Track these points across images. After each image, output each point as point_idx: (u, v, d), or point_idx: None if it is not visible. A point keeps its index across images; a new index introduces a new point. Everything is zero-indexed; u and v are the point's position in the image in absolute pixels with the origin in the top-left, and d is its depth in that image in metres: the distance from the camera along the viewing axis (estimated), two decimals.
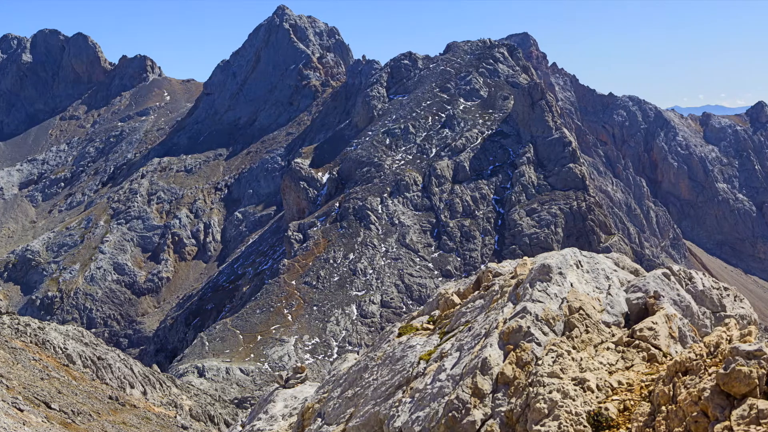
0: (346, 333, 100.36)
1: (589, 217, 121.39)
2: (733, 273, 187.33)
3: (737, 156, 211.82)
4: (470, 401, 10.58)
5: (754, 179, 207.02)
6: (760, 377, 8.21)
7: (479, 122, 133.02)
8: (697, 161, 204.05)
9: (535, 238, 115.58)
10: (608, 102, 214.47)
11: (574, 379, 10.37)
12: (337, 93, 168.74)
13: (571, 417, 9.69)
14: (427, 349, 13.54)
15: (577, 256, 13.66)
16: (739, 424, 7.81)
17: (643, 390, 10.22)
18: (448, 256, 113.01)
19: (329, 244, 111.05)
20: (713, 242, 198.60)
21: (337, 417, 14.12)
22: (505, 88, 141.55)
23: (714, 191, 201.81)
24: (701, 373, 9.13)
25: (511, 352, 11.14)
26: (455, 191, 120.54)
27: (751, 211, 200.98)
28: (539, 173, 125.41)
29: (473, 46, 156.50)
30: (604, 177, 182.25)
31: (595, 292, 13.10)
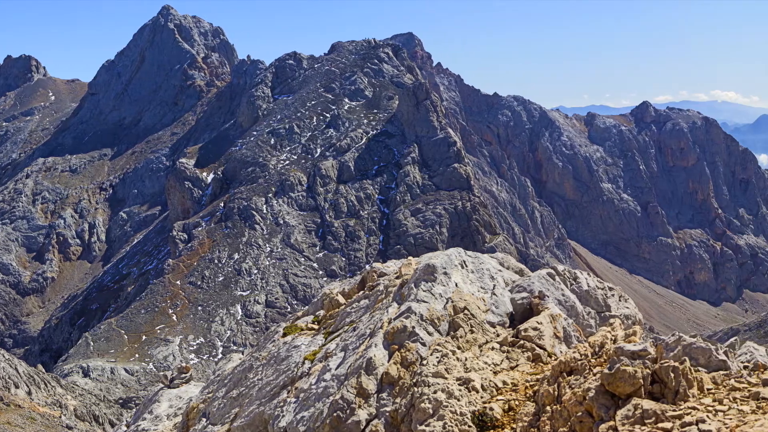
0: (231, 333, 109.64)
1: (474, 217, 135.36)
2: (618, 273, 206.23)
3: (622, 156, 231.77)
4: (355, 401, 11.51)
5: (638, 179, 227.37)
6: (644, 377, 9.13)
7: (364, 122, 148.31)
8: (582, 161, 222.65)
9: (420, 238, 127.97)
10: (493, 102, 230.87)
11: (459, 379, 11.32)
12: (222, 93, 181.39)
13: (456, 417, 10.61)
14: (311, 349, 14.63)
15: (461, 256, 15.13)
16: (623, 424, 8.65)
17: (527, 390, 11.18)
18: (333, 256, 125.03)
19: (214, 244, 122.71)
20: (598, 242, 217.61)
21: (221, 417, 15.11)
22: (389, 88, 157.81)
23: (599, 191, 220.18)
24: (586, 373, 10.10)
25: (396, 352, 12.15)
26: (340, 191, 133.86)
27: (636, 211, 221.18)
28: (424, 173, 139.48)
29: (358, 46, 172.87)
30: (488, 177, 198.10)
31: (480, 292, 14.38)
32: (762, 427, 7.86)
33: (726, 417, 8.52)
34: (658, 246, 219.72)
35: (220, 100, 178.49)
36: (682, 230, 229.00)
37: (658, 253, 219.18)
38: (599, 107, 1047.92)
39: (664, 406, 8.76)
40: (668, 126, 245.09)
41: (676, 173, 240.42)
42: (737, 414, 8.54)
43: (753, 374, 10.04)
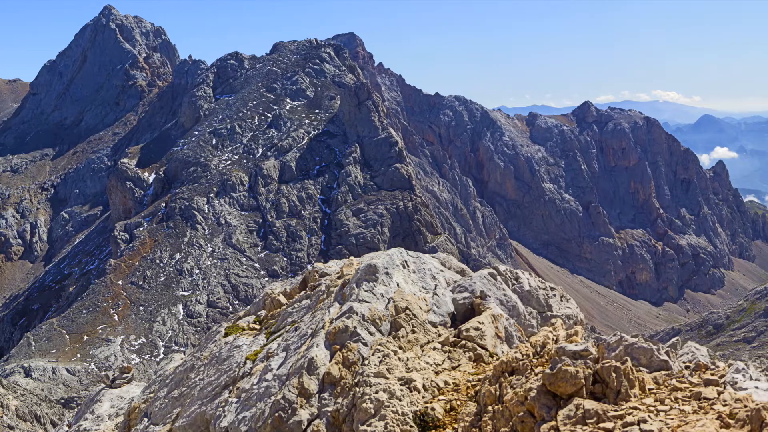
0: (173, 333, 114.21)
1: (416, 217, 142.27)
2: (560, 273, 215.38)
3: (563, 156, 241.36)
4: (297, 401, 12.34)
5: (580, 179, 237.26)
6: (586, 377, 9.64)
7: (306, 122, 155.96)
8: (524, 161, 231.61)
9: (362, 238, 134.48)
10: (435, 102, 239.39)
11: (401, 379, 12.13)
12: (164, 93, 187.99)
13: (398, 417, 11.34)
14: (253, 349, 15.23)
15: (403, 256, 15.78)
16: (565, 424, 9.09)
17: (469, 390, 11.98)
18: (275, 256, 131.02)
19: (155, 244, 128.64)
20: (539, 242, 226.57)
21: (163, 417, 15.60)
22: (331, 88, 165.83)
23: (540, 191, 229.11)
24: (528, 373, 10.67)
25: (338, 352, 12.98)
26: (281, 191, 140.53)
27: (578, 211, 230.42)
28: (365, 173, 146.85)
29: (299, 46, 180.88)
30: (430, 177, 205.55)
31: (422, 292, 15.19)
32: (703, 427, 8.28)
33: (668, 417, 8.93)
34: (599, 246, 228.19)
35: (162, 100, 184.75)
36: (623, 230, 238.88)
37: (600, 253, 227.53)
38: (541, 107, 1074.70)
39: (606, 406, 9.21)
40: (610, 126, 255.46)
41: (618, 173, 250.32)
42: (679, 414, 8.96)
43: (694, 374, 10.60)
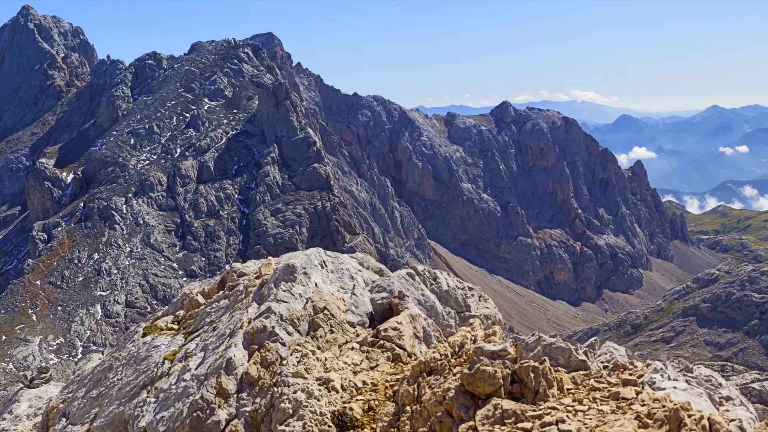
0: (91, 333, 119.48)
1: (334, 217, 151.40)
2: (478, 273, 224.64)
3: (482, 156, 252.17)
4: (215, 401, 12.95)
5: (498, 179, 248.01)
6: (504, 377, 10.16)
7: (224, 122, 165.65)
8: (442, 161, 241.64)
9: (280, 238, 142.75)
10: (353, 102, 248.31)
11: (319, 379, 12.76)
12: (82, 93, 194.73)
13: (316, 417, 11.95)
14: (171, 349, 16.16)
15: (321, 256, 16.82)
16: (483, 424, 9.53)
17: (387, 390, 12.68)
18: (193, 256, 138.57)
19: (74, 244, 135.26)
20: (458, 242, 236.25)
21: (81, 417, 16.52)
22: (249, 88, 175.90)
23: (458, 191, 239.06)
24: (446, 373, 11.24)
25: (256, 352, 13.65)
26: (200, 191, 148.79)
27: (496, 211, 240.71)
28: (284, 173, 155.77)
29: (218, 46, 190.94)
30: (348, 177, 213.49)
31: (340, 292, 16.17)
32: (622, 427, 8.81)
33: (586, 417, 9.53)
34: (517, 246, 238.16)
35: (80, 100, 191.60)
36: (542, 230, 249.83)
37: (518, 253, 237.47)
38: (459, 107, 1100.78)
39: (524, 406, 9.75)
40: (528, 126, 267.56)
41: (536, 173, 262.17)
42: (597, 414, 9.57)
43: (613, 374, 11.32)
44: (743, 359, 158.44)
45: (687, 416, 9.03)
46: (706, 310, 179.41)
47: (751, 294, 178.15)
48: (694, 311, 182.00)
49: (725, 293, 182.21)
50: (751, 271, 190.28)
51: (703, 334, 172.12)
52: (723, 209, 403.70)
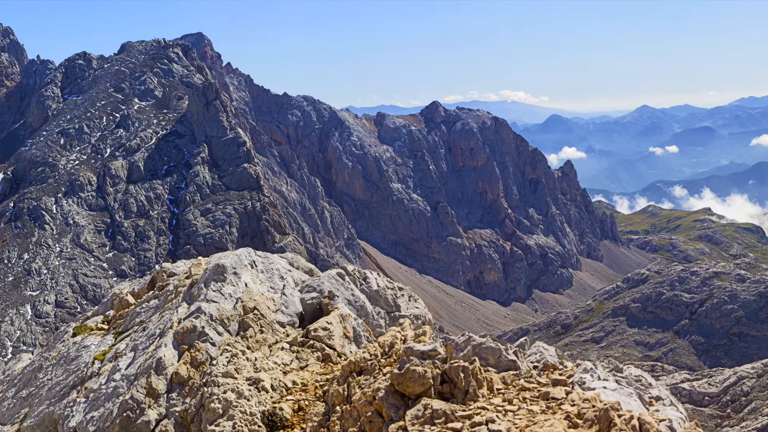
0: (21, 333, 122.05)
1: (264, 217, 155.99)
2: (408, 273, 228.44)
3: (412, 156, 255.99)
4: (145, 401, 13.20)
5: (428, 179, 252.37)
6: (434, 377, 10.49)
7: (154, 122, 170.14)
8: (372, 161, 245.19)
9: (210, 238, 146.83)
10: (283, 102, 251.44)
11: (249, 379, 13.17)
12: (12, 93, 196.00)
13: (246, 417, 12.36)
14: (101, 349, 16.36)
15: (251, 256, 17.28)
16: (413, 424, 9.82)
17: (317, 390, 13.15)
18: (123, 256, 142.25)
19: (4, 244, 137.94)
20: (388, 242, 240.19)
21: (11, 417, 16.64)
22: (179, 88, 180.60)
23: (388, 191, 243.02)
24: (376, 373, 11.59)
25: (186, 352, 13.96)
26: (130, 191, 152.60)
27: (426, 211, 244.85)
28: (214, 173, 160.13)
29: (148, 46, 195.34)
30: (278, 177, 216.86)
31: (270, 292, 16.63)
32: (551, 427, 9.09)
33: (516, 417, 9.89)
34: (447, 246, 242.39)
35: (10, 100, 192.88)
36: (471, 230, 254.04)
37: (448, 253, 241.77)
38: (389, 107, 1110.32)
39: (454, 406, 10.07)
40: (458, 126, 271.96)
41: (466, 173, 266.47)
42: (527, 414, 9.95)
43: (542, 374, 11.77)
44: (673, 359, 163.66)
45: (617, 416, 9.39)
46: (636, 310, 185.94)
47: (681, 294, 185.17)
48: (624, 311, 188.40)
49: (655, 293, 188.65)
50: (681, 271, 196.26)
51: (633, 334, 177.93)
52: (653, 209, 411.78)
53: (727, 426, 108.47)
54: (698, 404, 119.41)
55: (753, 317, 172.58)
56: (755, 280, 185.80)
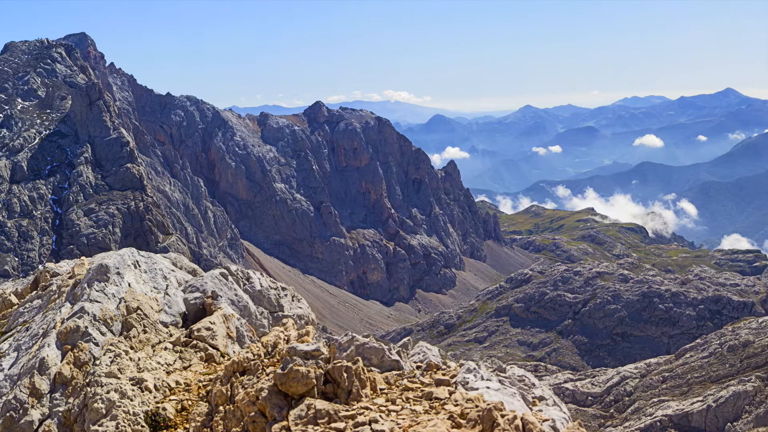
0: None
1: (147, 217, 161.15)
2: (291, 273, 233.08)
3: (295, 156, 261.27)
4: (28, 401, 13.36)
5: (311, 179, 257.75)
6: (317, 377, 10.91)
7: (37, 122, 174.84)
8: (255, 161, 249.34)
9: (93, 238, 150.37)
10: (166, 102, 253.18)
11: (132, 379, 13.48)
12: None
13: (129, 417, 12.70)
14: None
15: (135, 256, 17.77)
16: (296, 424, 10.14)
17: (200, 390, 13.66)
18: (6, 256, 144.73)
19: None
20: (271, 242, 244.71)
21: None
22: (63, 88, 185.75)
23: (272, 191, 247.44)
24: (259, 373, 12.01)
25: (69, 352, 14.19)
26: (13, 191, 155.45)
27: (309, 211, 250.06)
28: (97, 173, 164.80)
29: (31, 46, 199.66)
30: (161, 177, 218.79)
31: (153, 292, 17.12)
32: (435, 427, 9.41)
33: (399, 417, 10.36)
34: (331, 246, 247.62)
35: None
36: (355, 230, 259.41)
37: (331, 253, 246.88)
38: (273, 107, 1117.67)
39: (337, 406, 10.44)
40: (341, 126, 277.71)
41: (349, 173, 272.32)
42: (410, 414, 10.41)
43: (426, 374, 12.34)
44: (556, 359, 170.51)
45: (500, 416, 9.87)
46: (519, 310, 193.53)
47: (564, 294, 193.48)
48: (507, 311, 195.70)
49: (538, 293, 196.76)
50: (564, 271, 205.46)
51: (517, 334, 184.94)
52: (536, 209, 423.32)
53: (610, 426, 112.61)
54: (581, 404, 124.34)
55: (636, 317, 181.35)
56: (638, 280, 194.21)
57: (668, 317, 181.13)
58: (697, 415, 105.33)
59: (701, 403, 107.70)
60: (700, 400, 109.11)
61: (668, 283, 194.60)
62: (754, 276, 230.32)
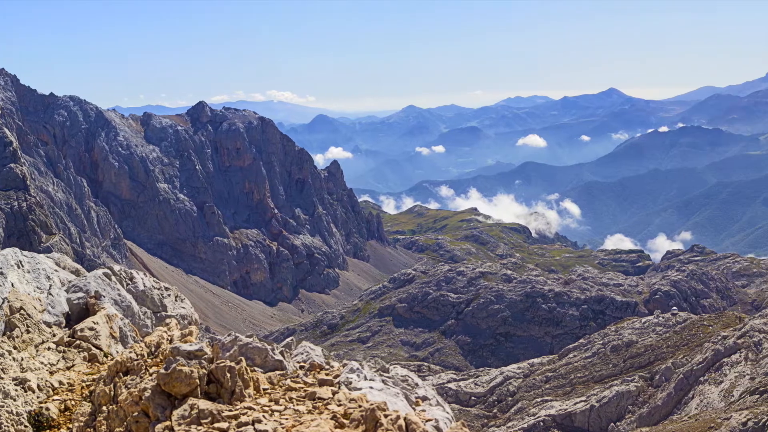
0: None
1: (30, 217, 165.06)
2: (174, 273, 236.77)
3: (178, 156, 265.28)
4: None
5: (194, 179, 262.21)
6: (200, 377, 11.10)
7: None
8: (138, 161, 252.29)
9: None
10: (49, 102, 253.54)
11: (15, 380, 13.41)
12: None
13: (12, 417, 12.64)
14: None
15: (18, 256, 17.84)
16: (180, 424, 10.25)
17: (84, 390, 13.79)
18: None
19: None
20: (154, 242, 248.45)
21: None
22: None
23: (155, 191, 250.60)
24: (142, 373, 12.16)
25: None
26: None
27: (192, 211, 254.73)
28: None
29: None
30: (45, 177, 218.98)
31: (36, 292, 17.29)
32: (318, 426, 9.69)
33: (282, 417, 10.66)
34: (214, 246, 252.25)
35: None
36: (238, 230, 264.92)
37: (215, 253, 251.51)
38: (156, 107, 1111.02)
39: (221, 406, 10.67)
40: (224, 126, 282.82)
41: (233, 173, 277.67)
42: (293, 414, 10.72)
43: (309, 374, 12.69)
44: (439, 359, 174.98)
45: (383, 416, 10.19)
46: (403, 310, 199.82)
47: (448, 294, 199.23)
48: (390, 311, 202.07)
49: (421, 293, 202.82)
50: (448, 271, 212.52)
51: (400, 334, 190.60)
52: (419, 209, 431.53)
53: (493, 426, 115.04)
54: (465, 404, 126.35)
55: (519, 317, 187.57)
56: (521, 280, 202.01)
57: (551, 317, 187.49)
58: (580, 415, 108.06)
59: (584, 403, 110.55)
60: (584, 400, 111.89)
61: (551, 283, 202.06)
62: (637, 276, 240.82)
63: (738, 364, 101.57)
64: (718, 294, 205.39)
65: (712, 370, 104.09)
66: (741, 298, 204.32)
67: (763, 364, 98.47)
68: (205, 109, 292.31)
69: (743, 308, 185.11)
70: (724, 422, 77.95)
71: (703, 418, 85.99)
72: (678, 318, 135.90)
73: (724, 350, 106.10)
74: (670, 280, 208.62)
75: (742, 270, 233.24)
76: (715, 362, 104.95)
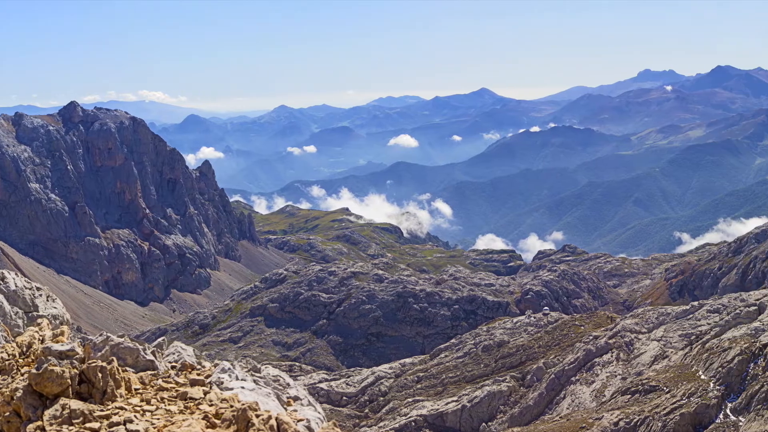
0: None
1: None
2: (46, 273, 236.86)
3: (50, 156, 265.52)
4: None
5: (66, 179, 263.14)
6: (72, 377, 11.09)
7: None
8: (10, 161, 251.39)
9: None
10: None
11: None
12: None
13: None
14: None
15: None
16: (51, 424, 10.26)
17: None
18: None
19: None
20: (26, 242, 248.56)
21: None
22: None
23: (26, 191, 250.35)
24: (14, 373, 12.10)
25: None
26: None
27: (64, 211, 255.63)
28: None
29: None
30: None
31: None
32: (189, 426, 9.95)
33: (154, 417, 10.82)
34: (85, 246, 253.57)
35: None
36: (110, 230, 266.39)
37: (86, 253, 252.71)
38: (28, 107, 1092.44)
39: (92, 406, 10.69)
40: (96, 126, 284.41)
41: (104, 173, 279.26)
42: (165, 414, 10.89)
43: (181, 374, 12.76)
44: (311, 359, 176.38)
45: (255, 416, 10.48)
46: (274, 310, 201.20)
47: (319, 294, 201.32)
48: (262, 311, 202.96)
49: (293, 293, 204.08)
50: (319, 271, 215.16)
51: (271, 334, 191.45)
52: (291, 209, 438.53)
53: (365, 426, 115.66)
54: (336, 404, 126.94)
55: (391, 317, 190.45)
56: (393, 280, 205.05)
57: (423, 317, 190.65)
58: (451, 415, 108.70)
59: (456, 403, 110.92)
60: (455, 400, 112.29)
61: (423, 283, 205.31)
62: (509, 276, 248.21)
63: (609, 364, 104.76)
64: (590, 294, 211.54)
65: (583, 370, 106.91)
66: (612, 298, 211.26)
67: (634, 364, 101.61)
68: (77, 109, 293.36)
69: (615, 308, 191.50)
70: (595, 422, 79.91)
71: (575, 418, 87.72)
72: (549, 318, 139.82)
73: (596, 350, 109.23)
74: (542, 280, 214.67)
75: (614, 270, 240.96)
76: (587, 362, 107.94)
